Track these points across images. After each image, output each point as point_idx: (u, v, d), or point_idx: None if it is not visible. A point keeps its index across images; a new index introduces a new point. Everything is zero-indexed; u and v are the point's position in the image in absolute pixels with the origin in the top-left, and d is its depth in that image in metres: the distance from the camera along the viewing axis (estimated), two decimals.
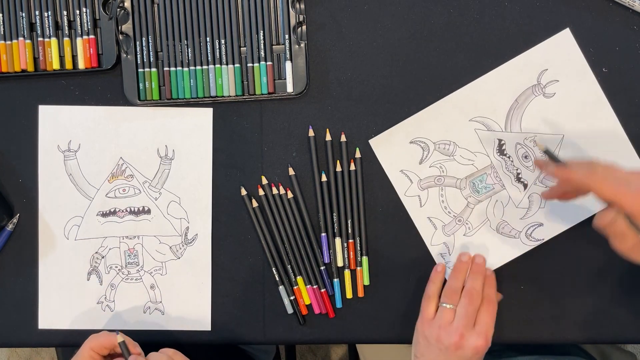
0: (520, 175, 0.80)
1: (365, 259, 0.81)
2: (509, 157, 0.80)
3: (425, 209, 0.81)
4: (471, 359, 0.72)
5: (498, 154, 0.80)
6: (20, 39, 0.82)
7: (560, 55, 0.79)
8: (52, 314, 0.83)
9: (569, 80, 0.79)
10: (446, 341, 0.72)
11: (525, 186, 0.80)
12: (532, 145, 0.79)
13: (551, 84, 0.79)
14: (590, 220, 0.78)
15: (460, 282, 0.75)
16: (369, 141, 0.81)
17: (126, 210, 0.83)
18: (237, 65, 0.81)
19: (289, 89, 0.81)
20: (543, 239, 0.80)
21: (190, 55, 0.81)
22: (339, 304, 0.82)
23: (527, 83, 0.79)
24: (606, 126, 0.79)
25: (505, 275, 0.80)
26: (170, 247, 0.83)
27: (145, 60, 0.81)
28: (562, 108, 0.79)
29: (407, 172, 0.81)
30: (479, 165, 0.80)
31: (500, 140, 0.80)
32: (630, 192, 0.62)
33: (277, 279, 0.82)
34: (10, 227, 0.83)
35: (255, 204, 0.82)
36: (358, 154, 0.81)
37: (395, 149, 0.81)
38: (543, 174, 0.78)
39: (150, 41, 0.81)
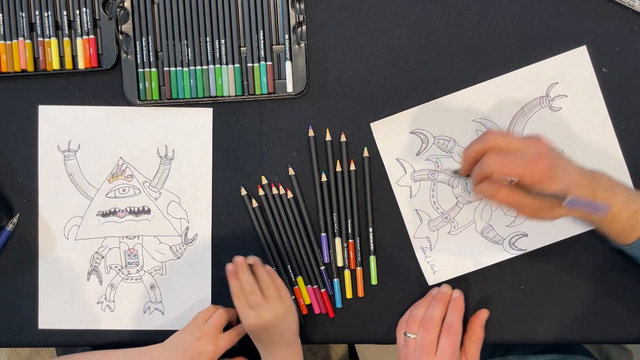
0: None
1: (373, 258, 0.81)
2: None
3: (414, 201, 0.80)
4: None
5: None
6: (20, 39, 0.82)
7: (573, 72, 0.78)
8: (52, 314, 0.83)
9: (577, 98, 0.79)
10: None
11: None
12: None
13: (559, 98, 0.79)
14: (587, 231, 0.78)
15: (422, 311, 0.75)
16: (371, 124, 0.80)
17: (126, 210, 0.83)
18: (237, 65, 0.81)
19: (289, 89, 0.81)
20: (525, 249, 0.80)
21: (190, 55, 0.81)
22: (339, 304, 0.82)
23: (535, 93, 0.79)
24: (605, 148, 0.78)
25: (505, 275, 0.80)
26: (170, 247, 0.83)
27: (145, 60, 0.81)
28: (566, 123, 0.79)
29: (403, 161, 0.81)
30: None
31: None
32: (524, 161, 0.62)
33: None
34: (10, 227, 0.83)
35: (255, 204, 0.82)
36: (366, 153, 0.81)
37: (395, 136, 0.80)
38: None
39: (150, 41, 0.81)
